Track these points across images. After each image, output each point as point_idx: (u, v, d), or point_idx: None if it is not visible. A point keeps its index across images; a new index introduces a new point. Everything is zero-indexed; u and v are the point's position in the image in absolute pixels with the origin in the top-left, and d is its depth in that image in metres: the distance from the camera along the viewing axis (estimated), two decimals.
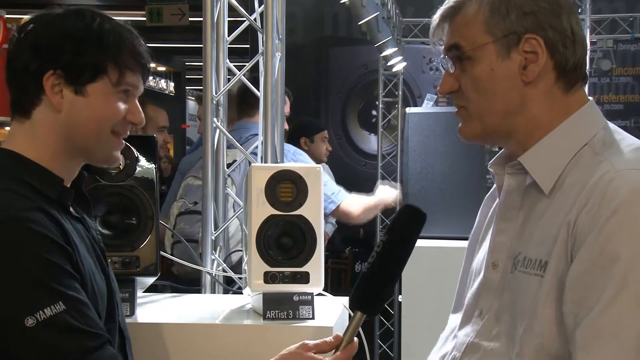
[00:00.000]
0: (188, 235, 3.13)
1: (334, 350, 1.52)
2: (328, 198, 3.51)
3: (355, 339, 1.51)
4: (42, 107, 1.50)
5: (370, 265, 1.45)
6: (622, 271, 1.24)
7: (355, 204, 3.61)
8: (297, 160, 3.42)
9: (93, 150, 1.56)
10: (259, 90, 2.58)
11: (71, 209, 1.55)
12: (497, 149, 3.44)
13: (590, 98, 1.47)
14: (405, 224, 1.48)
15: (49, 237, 1.39)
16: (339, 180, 3.93)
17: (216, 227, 2.58)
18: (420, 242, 4.16)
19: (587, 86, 6.39)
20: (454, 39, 1.45)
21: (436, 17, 1.49)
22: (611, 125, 1.45)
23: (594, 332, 1.25)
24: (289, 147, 3.44)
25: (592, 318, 1.25)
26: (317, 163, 3.82)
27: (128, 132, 1.60)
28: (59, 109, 1.50)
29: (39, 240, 1.38)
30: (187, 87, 16.23)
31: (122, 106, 1.54)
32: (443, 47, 1.48)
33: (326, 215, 3.61)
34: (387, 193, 3.65)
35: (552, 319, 1.32)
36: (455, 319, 1.58)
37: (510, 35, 1.40)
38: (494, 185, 1.58)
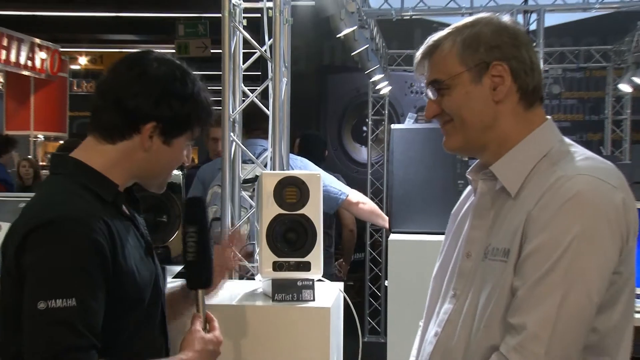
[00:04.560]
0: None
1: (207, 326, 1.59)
2: (339, 191, 3.51)
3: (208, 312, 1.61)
4: (129, 142, 1.47)
5: (194, 253, 1.55)
6: (559, 253, 1.27)
7: (356, 195, 3.64)
8: (304, 167, 3.42)
9: (154, 182, 1.57)
10: (268, 109, 2.57)
11: (124, 208, 1.52)
12: (466, 159, 3.42)
13: (549, 117, 1.48)
14: (197, 211, 1.58)
15: (97, 243, 1.35)
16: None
17: (232, 225, 2.56)
18: (403, 237, 4.13)
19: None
20: (434, 76, 1.46)
21: (418, 55, 1.50)
22: (566, 139, 1.46)
23: (531, 297, 1.28)
24: (297, 157, 3.43)
25: (530, 286, 1.28)
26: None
27: None
28: (146, 150, 1.48)
29: (87, 243, 1.34)
30: None
31: (185, 152, 1.56)
32: (425, 79, 1.49)
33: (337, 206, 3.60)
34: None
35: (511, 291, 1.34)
36: (425, 321, 1.58)
37: (481, 64, 1.41)
38: (469, 187, 1.59)
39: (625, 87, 7.09)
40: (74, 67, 14.29)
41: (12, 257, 1.36)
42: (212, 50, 8.08)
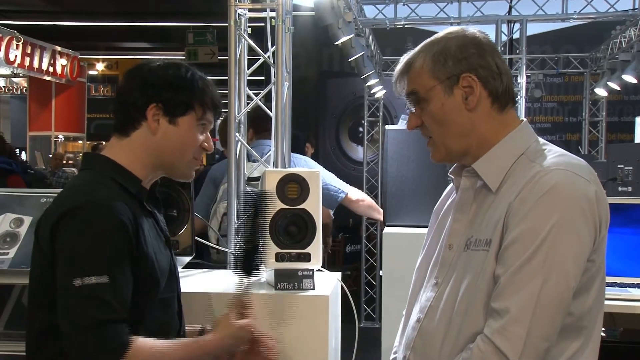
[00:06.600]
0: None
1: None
2: (338, 189, 3.45)
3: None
4: (140, 130, 1.52)
5: (252, 242, 1.57)
6: (538, 242, 1.27)
7: (356, 193, 3.60)
8: (307, 166, 3.39)
9: (176, 167, 1.57)
10: (271, 112, 2.56)
11: (145, 204, 1.54)
12: None
13: (524, 119, 1.49)
14: (264, 206, 1.60)
15: (123, 224, 1.38)
16: None
17: (238, 218, 2.55)
18: (396, 229, 4.09)
19: (523, 109, 6.30)
20: (411, 87, 1.46)
21: (395, 74, 1.50)
22: (540, 139, 1.46)
23: (512, 283, 1.28)
24: (301, 157, 3.41)
25: (511, 273, 1.29)
26: None
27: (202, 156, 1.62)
28: (155, 133, 1.52)
29: (114, 224, 1.37)
30: None
31: (200, 137, 1.57)
32: (405, 94, 1.49)
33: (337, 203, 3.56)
34: None
35: (493, 278, 1.33)
36: (409, 308, 1.56)
37: (451, 76, 1.41)
38: (450, 185, 1.59)
39: (601, 92, 7.10)
40: (91, 72, 14.29)
41: (46, 238, 1.40)
42: (219, 57, 8.07)
